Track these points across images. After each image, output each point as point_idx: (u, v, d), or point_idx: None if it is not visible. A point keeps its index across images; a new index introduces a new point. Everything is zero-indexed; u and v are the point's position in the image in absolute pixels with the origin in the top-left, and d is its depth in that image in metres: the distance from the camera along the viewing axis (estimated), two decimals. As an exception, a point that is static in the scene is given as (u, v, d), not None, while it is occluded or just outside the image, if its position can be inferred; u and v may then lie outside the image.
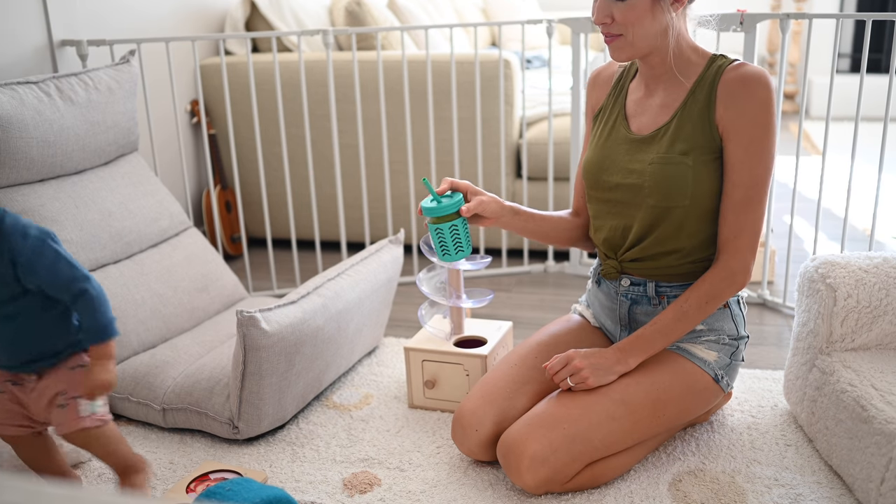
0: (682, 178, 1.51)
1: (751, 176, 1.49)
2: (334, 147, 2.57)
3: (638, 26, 1.47)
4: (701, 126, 1.50)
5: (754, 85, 1.47)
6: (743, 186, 1.49)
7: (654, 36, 1.49)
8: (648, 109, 1.58)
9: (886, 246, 2.91)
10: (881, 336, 1.61)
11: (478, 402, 1.61)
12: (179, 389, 1.80)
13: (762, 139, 1.47)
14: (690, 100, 1.52)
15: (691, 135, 1.51)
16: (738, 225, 1.50)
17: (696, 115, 1.51)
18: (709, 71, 1.52)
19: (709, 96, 1.50)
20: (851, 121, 4.94)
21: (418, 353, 1.86)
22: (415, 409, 1.89)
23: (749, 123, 1.47)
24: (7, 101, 1.85)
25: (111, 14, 2.56)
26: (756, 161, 1.48)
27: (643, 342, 1.55)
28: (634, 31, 1.48)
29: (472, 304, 1.92)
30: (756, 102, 1.47)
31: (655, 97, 1.58)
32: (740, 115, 1.47)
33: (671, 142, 1.52)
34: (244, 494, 1.38)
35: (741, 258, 1.52)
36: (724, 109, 1.49)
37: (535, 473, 1.48)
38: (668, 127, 1.53)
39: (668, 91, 1.56)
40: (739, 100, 1.47)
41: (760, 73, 1.48)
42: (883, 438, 1.38)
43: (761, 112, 1.47)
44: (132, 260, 2.05)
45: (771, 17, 2.24)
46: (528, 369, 1.65)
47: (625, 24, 1.47)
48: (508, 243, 2.87)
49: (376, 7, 3.13)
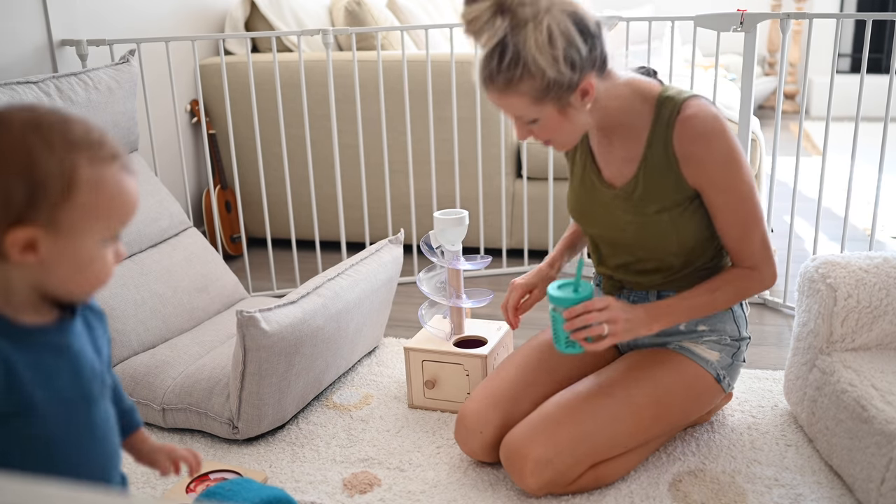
0: (664, 234, 1.52)
1: (738, 213, 1.48)
2: (334, 147, 2.57)
3: (560, 132, 1.44)
4: (671, 183, 1.48)
5: (707, 140, 1.43)
6: (736, 225, 1.49)
7: (583, 125, 1.46)
8: (613, 160, 1.55)
9: (886, 246, 2.91)
10: (881, 336, 1.61)
11: (482, 405, 1.60)
12: (179, 389, 1.80)
13: (735, 181, 1.45)
14: (649, 154, 1.48)
15: (662, 193, 1.49)
16: (748, 251, 1.50)
17: (660, 173, 1.48)
18: (660, 119, 1.47)
19: (666, 153, 1.46)
20: (851, 121, 4.94)
21: (418, 353, 1.86)
22: (415, 409, 1.89)
23: (718, 175, 1.45)
24: (7, 101, 1.85)
25: (111, 14, 2.56)
26: (737, 201, 1.47)
27: (672, 313, 1.51)
28: (560, 136, 1.45)
29: (472, 304, 1.92)
30: (717, 155, 1.43)
31: (615, 147, 1.54)
32: (706, 171, 1.45)
33: (643, 201, 1.50)
34: (244, 494, 1.38)
35: (766, 267, 1.52)
36: (688, 170, 1.46)
37: (539, 476, 1.48)
38: (637, 183, 1.50)
39: (624, 142, 1.52)
40: (701, 159, 1.44)
41: (711, 126, 1.43)
42: (883, 438, 1.38)
43: (724, 160, 1.44)
44: (132, 260, 2.05)
45: (771, 17, 2.24)
46: (532, 371, 1.65)
47: (547, 136, 1.45)
48: (508, 243, 2.87)
49: (376, 7, 3.13)
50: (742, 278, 1.52)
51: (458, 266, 1.87)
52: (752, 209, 1.48)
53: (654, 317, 1.50)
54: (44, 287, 0.88)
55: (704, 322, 1.60)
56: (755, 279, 1.52)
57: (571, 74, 1.35)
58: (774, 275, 1.53)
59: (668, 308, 1.51)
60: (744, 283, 1.52)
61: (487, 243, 2.89)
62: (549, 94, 1.36)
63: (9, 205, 0.83)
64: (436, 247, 1.90)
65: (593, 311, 1.44)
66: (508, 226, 2.86)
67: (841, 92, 3.85)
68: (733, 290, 1.52)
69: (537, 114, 1.40)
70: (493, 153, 2.76)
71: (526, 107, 1.39)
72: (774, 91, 5.63)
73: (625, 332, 1.46)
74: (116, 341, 1.89)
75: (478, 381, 1.82)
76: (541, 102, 1.37)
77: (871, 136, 2.71)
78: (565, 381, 1.65)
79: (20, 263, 0.85)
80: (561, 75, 1.34)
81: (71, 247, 0.86)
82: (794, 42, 5.67)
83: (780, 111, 2.28)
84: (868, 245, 2.30)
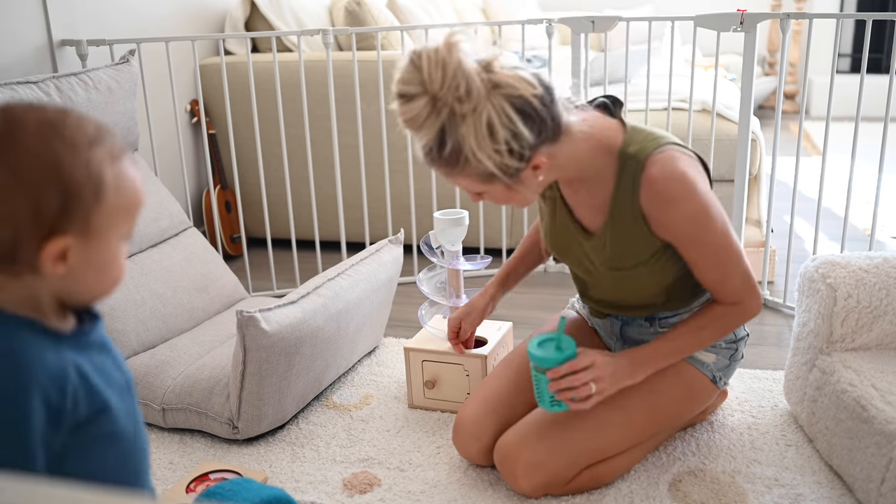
0: (642, 282, 1.49)
1: (714, 260, 1.43)
2: (334, 147, 2.57)
3: (513, 199, 1.38)
4: (641, 239, 1.44)
5: (674, 205, 1.37)
6: (713, 270, 1.45)
7: (538, 187, 1.37)
8: (582, 206, 1.50)
9: (886, 246, 2.90)
10: (881, 336, 1.61)
11: (479, 411, 1.60)
12: (179, 389, 1.80)
13: (706, 235, 1.40)
14: (615, 211, 1.43)
15: (634, 249, 1.45)
16: (730, 290, 1.47)
17: (629, 229, 1.43)
18: (623, 178, 1.40)
19: (633, 210, 1.41)
20: (851, 121, 4.93)
21: (418, 354, 1.86)
22: (415, 409, 1.89)
23: (688, 233, 1.40)
24: (7, 101, 1.85)
25: (111, 14, 2.56)
26: (711, 252, 1.42)
27: (657, 357, 1.49)
28: (514, 201, 1.39)
29: None
30: (684, 218, 1.38)
31: (580, 195, 1.49)
32: (674, 230, 1.40)
33: (618, 255, 1.47)
34: (244, 494, 1.38)
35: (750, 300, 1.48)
36: (658, 229, 1.41)
37: (532, 479, 1.48)
38: (606, 237, 1.46)
39: (590, 191, 1.46)
40: (668, 221, 1.40)
41: (676, 188, 1.36)
42: (883, 438, 1.38)
43: (692, 220, 1.38)
44: (132, 260, 2.05)
45: (771, 17, 2.24)
46: (528, 375, 1.64)
47: (500, 202, 1.40)
48: (508, 243, 2.87)
49: (376, 7, 3.13)
50: (727, 315, 1.48)
51: (457, 266, 1.87)
52: (727, 254, 1.43)
53: (639, 365, 1.47)
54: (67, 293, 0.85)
55: None
56: (739, 313, 1.48)
57: (517, 163, 1.28)
58: (759, 305, 1.49)
59: (653, 353, 1.48)
60: (729, 318, 1.49)
61: (487, 243, 2.89)
62: (495, 177, 1.29)
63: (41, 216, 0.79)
64: (436, 247, 1.90)
65: (579, 372, 1.41)
66: (508, 226, 2.86)
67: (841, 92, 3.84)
68: (720, 326, 1.49)
69: (485, 189, 1.34)
70: (493, 153, 2.76)
71: (473, 184, 1.33)
72: (774, 91, 5.63)
73: (611, 386, 1.44)
74: (116, 341, 1.89)
75: (478, 381, 1.82)
76: (489, 182, 1.31)
77: (871, 136, 2.71)
78: None
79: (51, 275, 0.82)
80: (505, 166, 1.27)
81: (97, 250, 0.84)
82: (794, 42, 5.66)
83: (780, 111, 2.28)
84: (868, 245, 2.30)
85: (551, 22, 2.59)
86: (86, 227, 0.81)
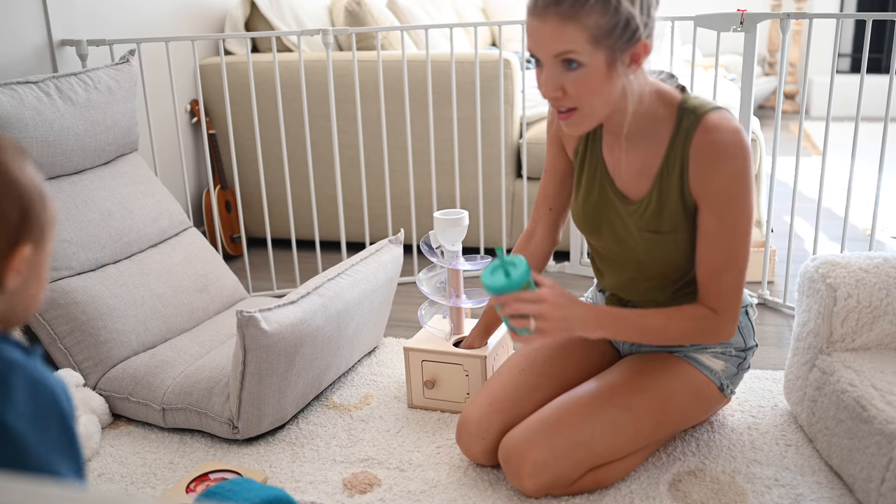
0: (673, 250, 1.48)
1: (723, 243, 1.41)
2: (334, 147, 2.57)
3: (594, 97, 1.33)
4: (681, 201, 1.43)
5: (724, 156, 1.36)
6: (716, 253, 1.42)
7: (613, 102, 1.36)
8: (627, 171, 1.49)
9: (886, 246, 2.90)
10: (881, 336, 1.61)
11: (484, 410, 1.59)
12: (179, 389, 1.80)
13: (735, 210, 1.39)
14: (665, 170, 1.43)
15: (674, 212, 1.44)
16: (717, 290, 1.44)
17: (675, 189, 1.43)
18: (680, 130, 1.41)
19: (682, 165, 1.41)
20: (851, 121, 4.94)
21: (418, 353, 1.86)
22: (414, 409, 1.89)
23: (720, 195, 1.38)
24: (7, 100, 1.85)
25: (111, 14, 2.56)
26: (729, 231, 1.40)
27: (621, 325, 1.43)
28: (591, 103, 1.34)
29: (472, 305, 1.92)
30: (726, 174, 1.37)
31: (631, 156, 1.48)
32: (710, 186, 1.38)
33: (657, 217, 1.46)
34: (244, 494, 1.38)
35: (726, 318, 1.45)
36: (694, 179, 1.40)
37: (537, 479, 1.48)
38: (651, 199, 1.45)
39: (641, 152, 1.46)
40: (710, 171, 1.38)
41: (731, 136, 1.36)
42: (883, 438, 1.38)
43: (732, 183, 1.37)
44: (132, 260, 2.05)
45: (771, 17, 2.24)
46: (534, 375, 1.63)
47: (579, 97, 1.33)
48: (508, 243, 2.87)
49: (376, 7, 3.13)
50: (700, 318, 1.44)
51: (457, 266, 1.87)
52: (738, 246, 1.40)
53: (600, 322, 1.41)
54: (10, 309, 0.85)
55: None
56: (711, 325, 1.44)
57: (638, 25, 1.28)
58: (732, 332, 1.46)
59: (619, 317, 1.43)
60: (700, 323, 1.44)
61: (487, 243, 2.89)
62: (609, 38, 1.27)
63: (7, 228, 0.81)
64: (436, 247, 1.90)
65: (522, 303, 1.34)
66: (508, 226, 2.86)
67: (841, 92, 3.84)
68: (686, 327, 1.44)
69: (586, 58, 1.28)
70: (493, 153, 2.76)
71: (580, 44, 1.27)
72: (774, 91, 5.63)
73: (557, 330, 1.36)
74: (116, 341, 1.89)
75: (478, 381, 1.82)
76: (596, 45, 1.27)
77: (871, 136, 2.71)
78: (567, 384, 1.64)
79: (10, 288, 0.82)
80: (631, 19, 1.27)
81: (42, 261, 0.85)
82: (794, 42, 5.66)
83: (780, 111, 2.28)
84: (868, 245, 2.30)
85: (551, 22, 2.58)
86: (40, 235, 0.85)
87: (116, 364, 1.89)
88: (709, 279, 1.44)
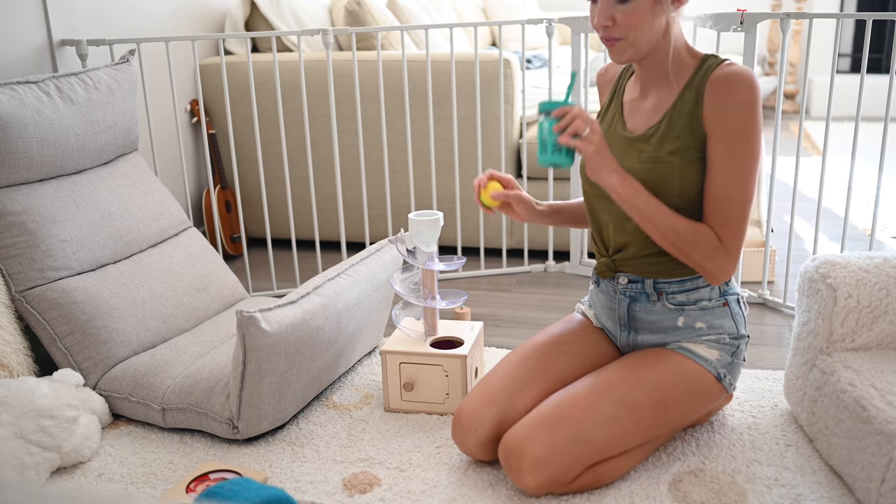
0: (670, 177, 1.51)
1: (733, 171, 1.48)
2: (334, 147, 2.57)
3: (640, 28, 1.47)
4: (689, 126, 1.51)
5: (737, 84, 1.46)
6: (725, 180, 1.49)
7: (656, 36, 1.50)
8: (641, 111, 1.60)
9: (886, 246, 2.90)
10: (881, 336, 1.61)
11: (478, 403, 1.61)
12: (179, 389, 1.80)
13: (743, 138, 1.47)
14: (679, 101, 1.53)
15: (680, 135, 1.51)
16: (720, 217, 1.50)
17: (685, 116, 1.51)
18: (699, 72, 1.53)
19: (697, 97, 1.51)
20: (851, 121, 4.94)
21: (395, 356, 1.84)
22: (391, 412, 1.87)
23: (730, 121, 1.47)
24: (7, 100, 1.85)
25: (111, 14, 2.56)
26: (737, 159, 1.48)
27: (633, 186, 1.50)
28: (636, 33, 1.48)
29: (447, 305, 1.91)
30: (737, 101, 1.46)
31: (648, 99, 1.59)
32: (722, 113, 1.47)
33: (660, 142, 1.53)
34: (244, 494, 1.38)
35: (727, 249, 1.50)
36: (708, 109, 1.49)
37: (537, 476, 1.48)
38: (659, 127, 1.54)
39: (660, 93, 1.57)
40: (722, 98, 1.48)
41: (745, 72, 1.48)
42: (883, 438, 1.38)
43: (742, 111, 1.46)
44: (132, 260, 2.05)
45: (771, 17, 2.24)
46: (529, 370, 1.65)
47: (626, 27, 1.47)
48: (508, 243, 2.87)
49: (376, 7, 3.13)
50: (706, 234, 1.50)
51: (432, 267, 1.86)
52: (745, 175, 1.48)
53: (621, 174, 1.49)
54: None
55: (702, 320, 1.60)
56: (712, 246, 1.49)
57: None
58: (729, 270, 1.52)
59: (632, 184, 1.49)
60: (704, 239, 1.49)
61: (487, 243, 2.89)
62: None
63: None
64: (410, 247, 1.89)
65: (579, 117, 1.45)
66: (508, 226, 2.86)
67: (841, 92, 3.85)
68: (687, 239, 1.49)
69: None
70: (493, 153, 2.76)
71: None
72: (774, 91, 5.63)
73: (599, 145, 1.46)
74: (116, 341, 1.89)
75: (458, 381, 1.81)
76: None
77: (871, 136, 2.71)
78: (561, 378, 1.65)
79: None
80: None
81: None
82: (794, 42, 5.66)
83: (780, 111, 2.28)
84: (868, 245, 2.30)
85: (551, 22, 2.59)
86: None
87: (116, 364, 1.89)
88: (714, 206, 1.50)
